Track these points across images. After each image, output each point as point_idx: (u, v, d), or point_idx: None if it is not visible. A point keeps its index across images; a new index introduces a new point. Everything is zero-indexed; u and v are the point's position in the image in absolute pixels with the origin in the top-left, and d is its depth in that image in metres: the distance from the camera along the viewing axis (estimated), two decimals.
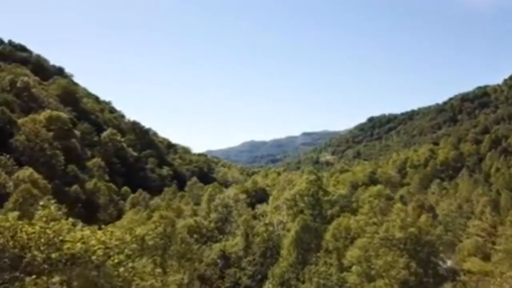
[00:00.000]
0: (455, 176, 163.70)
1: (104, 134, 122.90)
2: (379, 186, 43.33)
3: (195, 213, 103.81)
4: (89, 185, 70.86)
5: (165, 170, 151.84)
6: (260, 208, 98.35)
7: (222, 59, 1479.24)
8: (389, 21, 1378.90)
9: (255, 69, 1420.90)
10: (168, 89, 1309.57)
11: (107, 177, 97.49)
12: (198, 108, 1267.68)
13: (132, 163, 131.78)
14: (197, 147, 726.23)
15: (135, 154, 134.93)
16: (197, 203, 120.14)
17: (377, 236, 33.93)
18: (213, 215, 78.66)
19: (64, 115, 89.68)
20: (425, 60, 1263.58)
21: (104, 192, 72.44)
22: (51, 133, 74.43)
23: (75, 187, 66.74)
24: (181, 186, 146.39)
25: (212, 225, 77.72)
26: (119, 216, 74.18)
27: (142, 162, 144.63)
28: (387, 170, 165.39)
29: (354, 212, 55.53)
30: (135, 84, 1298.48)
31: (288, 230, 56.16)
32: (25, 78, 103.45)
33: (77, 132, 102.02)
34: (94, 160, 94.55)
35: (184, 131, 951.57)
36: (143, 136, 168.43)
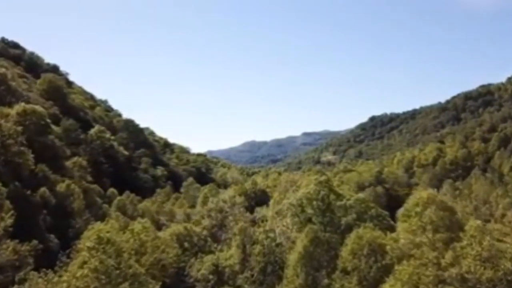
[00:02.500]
0: (465, 175, 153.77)
1: (92, 131, 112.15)
2: (429, 191, 32.41)
3: (188, 217, 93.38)
4: (61, 187, 60.26)
5: (160, 170, 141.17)
6: (260, 212, 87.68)
7: (222, 59, 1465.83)
8: (390, 19, 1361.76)
9: (256, 69, 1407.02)
10: (168, 89, 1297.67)
11: (90, 178, 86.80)
12: (198, 108, 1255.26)
13: (123, 163, 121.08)
14: (198, 147, 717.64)
15: (126, 153, 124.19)
16: (193, 206, 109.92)
17: (432, 268, 23.17)
18: (206, 221, 67.85)
19: (40, 109, 78.89)
20: (426, 59, 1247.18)
21: (79, 195, 61.76)
22: (19, 128, 63.74)
23: (43, 190, 56.21)
24: (177, 187, 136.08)
25: (205, 232, 66.97)
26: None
27: (134, 162, 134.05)
28: (394, 169, 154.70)
29: (372, 219, 44.71)
30: (135, 85, 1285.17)
31: (293, 242, 45.45)
32: (2, 70, 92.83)
33: (56, 129, 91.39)
34: (75, 159, 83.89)
35: (185, 132, 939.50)
36: (137, 135, 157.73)
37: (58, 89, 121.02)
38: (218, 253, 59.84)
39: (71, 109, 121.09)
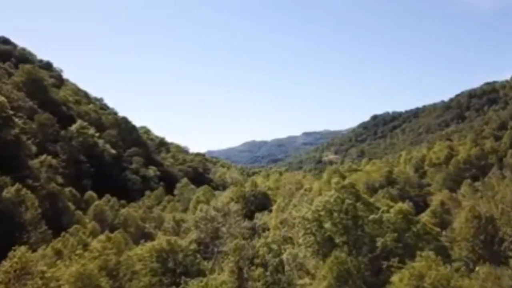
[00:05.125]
0: (479, 175, 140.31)
1: (73, 127, 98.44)
2: None
3: (178, 224, 79.78)
4: (9, 192, 46.53)
5: (152, 171, 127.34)
6: (261, 218, 74.07)
7: (221, 59, 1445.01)
8: (391, 18, 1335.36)
9: (256, 69, 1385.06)
10: (168, 89, 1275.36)
11: (62, 180, 73.02)
12: (198, 108, 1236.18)
13: (109, 162, 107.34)
14: (198, 147, 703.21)
15: (113, 151, 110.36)
16: (187, 209, 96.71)
17: None
18: (194, 234, 54.04)
19: (1, 98, 65.43)
20: (427, 58, 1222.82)
21: (34, 202, 48.03)
22: None
23: None
24: (172, 188, 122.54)
25: (193, 246, 53.31)
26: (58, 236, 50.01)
27: (124, 162, 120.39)
28: (406, 169, 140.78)
29: (419, 239, 30.89)
30: (134, 85, 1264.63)
31: (308, 273, 31.67)
32: None
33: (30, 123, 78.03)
34: (43, 157, 70.21)
35: (185, 132, 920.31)
36: (129, 133, 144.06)
37: (38, 81, 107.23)
38: (208, 277, 46.18)
39: (52, 103, 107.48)
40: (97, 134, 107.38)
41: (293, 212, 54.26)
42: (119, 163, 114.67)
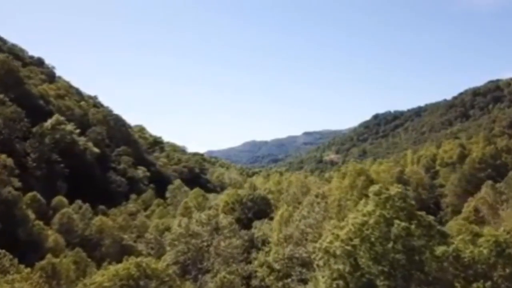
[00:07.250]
0: (494, 175, 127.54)
1: (48, 122, 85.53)
2: None
3: (162, 235, 66.88)
4: None
5: (141, 171, 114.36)
6: (260, 228, 61.24)
7: (221, 59, 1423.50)
8: (392, 16, 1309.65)
9: (256, 69, 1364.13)
10: (167, 89, 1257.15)
11: (20, 183, 60.14)
12: (198, 108, 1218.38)
13: (91, 162, 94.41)
14: (198, 148, 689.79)
15: (96, 150, 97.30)
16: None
17: None
18: (170, 255, 40.98)
19: None
20: (428, 56, 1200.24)
21: None
22: None
23: None
24: (164, 191, 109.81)
25: (171, 270, 40.47)
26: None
27: (109, 161, 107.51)
28: (416, 169, 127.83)
29: None
30: (135, 85, 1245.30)
31: None
32: None
33: None
34: None
35: (185, 132, 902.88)
36: (119, 130, 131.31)
37: (12, 72, 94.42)
38: None
39: (28, 97, 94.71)
40: (78, 131, 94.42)
41: (301, 225, 41.54)
42: (104, 163, 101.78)
